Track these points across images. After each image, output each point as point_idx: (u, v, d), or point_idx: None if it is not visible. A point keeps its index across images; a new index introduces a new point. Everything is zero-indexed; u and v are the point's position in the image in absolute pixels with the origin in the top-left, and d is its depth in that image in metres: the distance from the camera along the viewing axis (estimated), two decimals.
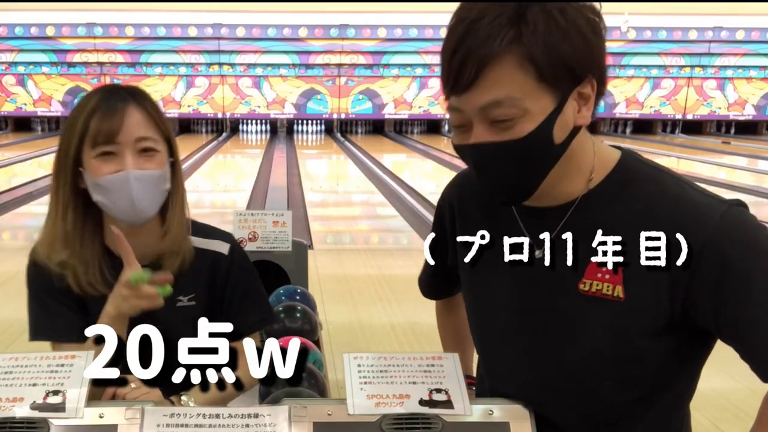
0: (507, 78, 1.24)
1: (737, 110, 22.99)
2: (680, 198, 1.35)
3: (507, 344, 1.55)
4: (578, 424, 1.49)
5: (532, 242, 1.44)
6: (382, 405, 1.35)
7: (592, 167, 1.41)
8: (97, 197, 1.75)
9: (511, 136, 1.28)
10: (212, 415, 1.30)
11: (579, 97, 1.32)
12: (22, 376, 1.32)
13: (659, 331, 1.37)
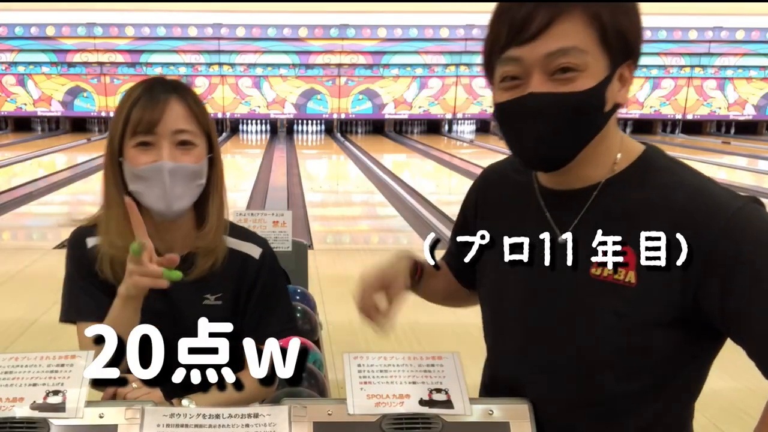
0: (575, 30, 1.28)
1: (737, 110, 22.99)
2: (698, 190, 1.36)
3: (515, 326, 1.56)
4: (577, 413, 1.49)
5: (554, 226, 1.47)
6: (382, 405, 1.35)
7: (618, 153, 1.44)
8: (133, 186, 1.77)
9: (572, 89, 1.31)
10: (212, 415, 1.30)
11: (621, 78, 1.37)
12: (22, 376, 1.32)
13: (668, 322, 1.37)
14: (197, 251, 1.87)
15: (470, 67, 21.94)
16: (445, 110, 22.45)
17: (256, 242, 1.98)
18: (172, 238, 1.87)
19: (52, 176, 13.23)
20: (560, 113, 1.33)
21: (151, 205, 1.77)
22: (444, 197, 11.65)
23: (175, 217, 1.81)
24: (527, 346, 1.53)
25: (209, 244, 1.88)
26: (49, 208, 10.48)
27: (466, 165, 15.23)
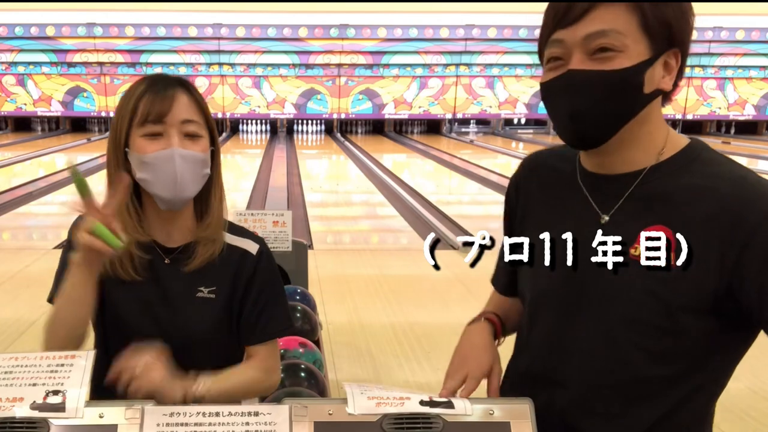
0: (615, 15, 1.35)
1: (737, 110, 23.01)
2: (743, 178, 1.40)
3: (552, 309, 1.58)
4: (607, 394, 1.51)
5: (597, 208, 1.51)
6: (382, 405, 1.35)
7: (665, 142, 1.48)
8: (140, 175, 1.77)
9: (609, 67, 1.37)
10: (212, 413, 1.30)
11: (665, 65, 1.42)
12: (22, 376, 1.32)
13: (703, 308, 1.39)
14: (198, 241, 1.89)
15: (470, 67, 21.97)
16: (445, 110, 22.46)
17: (254, 240, 1.99)
18: (172, 229, 1.88)
19: (52, 176, 13.22)
20: (596, 89, 1.39)
21: (159, 192, 1.78)
22: (444, 197, 11.66)
23: (180, 205, 1.83)
24: (561, 326, 1.55)
25: (210, 235, 1.89)
26: (49, 208, 10.49)
27: (466, 165, 15.24)
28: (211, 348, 1.91)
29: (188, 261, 1.87)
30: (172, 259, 1.88)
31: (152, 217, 1.87)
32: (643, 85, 1.40)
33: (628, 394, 1.50)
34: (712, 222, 1.36)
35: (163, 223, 1.87)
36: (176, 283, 1.88)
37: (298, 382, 2.38)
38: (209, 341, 1.90)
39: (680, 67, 1.45)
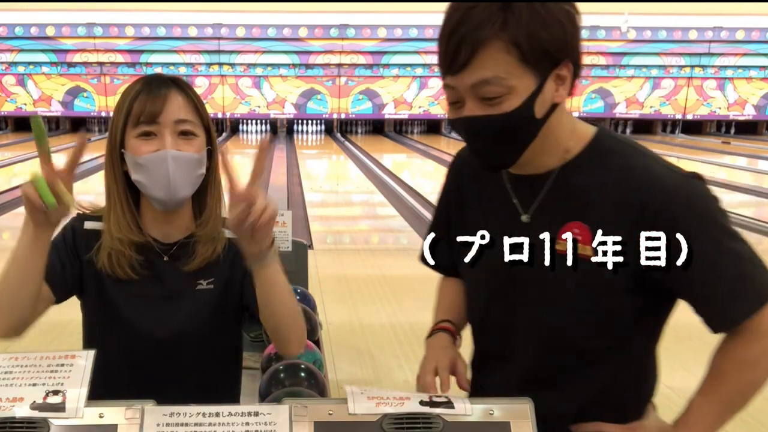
0: (495, 60, 1.42)
1: (737, 110, 23.00)
2: (642, 168, 1.54)
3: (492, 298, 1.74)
4: (552, 369, 1.67)
5: (518, 206, 1.64)
6: (382, 405, 1.35)
7: (570, 141, 1.60)
8: (135, 176, 1.79)
9: (498, 111, 1.46)
10: (212, 413, 1.30)
11: (557, 78, 1.50)
12: (22, 376, 1.31)
13: (626, 288, 1.54)
14: (198, 239, 1.90)
15: None
16: (445, 110, 22.43)
17: None
18: (170, 228, 1.90)
19: None
20: (491, 132, 1.50)
21: (154, 194, 1.79)
22: None
23: (175, 206, 1.84)
24: (506, 315, 1.70)
25: (209, 232, 1.90)
26: None
27: None
28: (208, 342, 1.92)
29: (188, 260, 1.88)
30: (171, 255, 1.89)
31: (149, 216, 1.88)
32: (534, 114, 1.49)
33: (571, 368, 1.66)
34: (622, 211, 1.51)
35: (161, 222, 1.88)
36: (177, 279, 1.89)
37: (298, 382, 2.38)
38: (209, 334, 1.92)
39: (577, 66, 1.54)
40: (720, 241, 1.49)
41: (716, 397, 1.58)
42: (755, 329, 1.50)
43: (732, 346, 1.55)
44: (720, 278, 1.49)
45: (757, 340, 1.51)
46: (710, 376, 1.59)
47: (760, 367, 1.55)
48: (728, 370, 1.56)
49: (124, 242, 1.84)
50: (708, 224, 1.50)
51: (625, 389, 1.69)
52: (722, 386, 1.57)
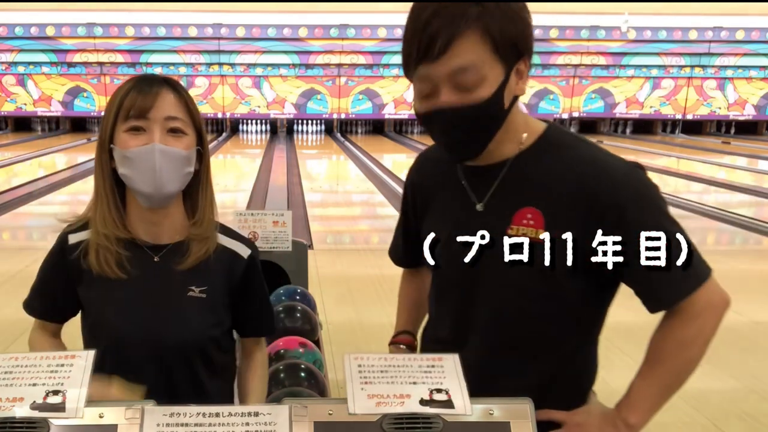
0: (471, 48, 1.51)
1: (737, 110, 23.01)
2: (591, 158, 1.65)
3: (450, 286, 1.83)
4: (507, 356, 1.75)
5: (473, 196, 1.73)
6: (382, 405, 1.35)
7: (524, 132, 1.69)
8: (122, 170, 1.78)
9: (473, 100, 1.55)
10: (212, 414, 1.30)
11: (517, 72, 1.60)
12: (22, 376, 1.31)
13: (573, 272, 1.62)
14: (192, 239, 1.89)
15: None
16: None
17: (245, 243, 2.01)
18: (160, 228, 1.88)
19: (52, 176, 13.23)
20: (465, 121, 1.58)
21: (140, 188, 1.78)
22: None
23: (162, 202, 1.82)
24: (463, 302, 1.79)
25: (203, 233, 1.90)
26: (49, 208, 10.47)
27: None
28: (199, 350, 1.92)
29: (181, 259, 1.87)
30: (162, 257, 1.88)
31: (138, 217, 1.87)
32: (503, 103, 1.59)
33: (525, 353, 1.74)
34: (571, 201, 1.60)
35: (149, 224, 1.87)
36: (166, 282, 1.88)
37: (298, 382, 2.38)
38: (198, 342, 1.91)
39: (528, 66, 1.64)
40: (662, 226, 1.58)
41: (655, 378, 1.66)
42: (691, 309, 1.60)
43: (669, 327, 1.64)
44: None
45: (692, 320, 1.61)
46: (648, 358, 1.68)
47: (695, 347, 1.63)
48: (666, 350, 1.65)
49: (110, 238, 1.83)
50: (652, 210, 1.60)
51: (570, 376, 1.78)
52: (661, 367, 1.65)
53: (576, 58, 22.10)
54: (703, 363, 1.64)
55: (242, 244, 1.99)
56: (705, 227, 9.89)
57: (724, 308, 1.64)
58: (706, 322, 1.62)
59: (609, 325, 1.80)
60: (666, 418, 1.72)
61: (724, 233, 9.61)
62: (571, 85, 22.54)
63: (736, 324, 5.46)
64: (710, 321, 1.62)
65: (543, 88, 22.44)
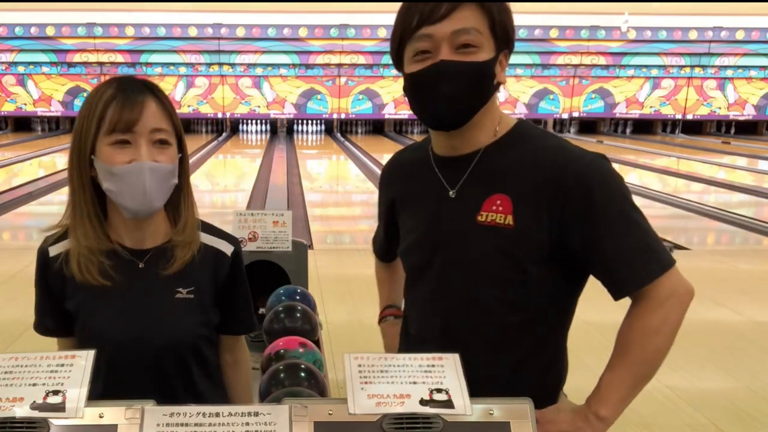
0: (473, 16, 1.63)
1: (737, 110, 23.00)
2: (559, 147, 1.72)
3: (422, 275, 1.88)
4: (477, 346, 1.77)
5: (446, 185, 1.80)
6: (382, 405, 1.35)
7: (498, 123, 1.78)
8: (108, 185, 1.75)
9: (473, 59, 1.64)
10: (212, 414, 1.30)
11: (500, 62, 1.70)
12: (22, 376, 1.31)
13: (543, 258, 1.69)
14: (175, 245, 1.87)
15: None
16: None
17: (228, 240, 1.99)
18: (142, 234, 1.86)
19: (53, 176, 13.20)
20: (464, 76, 1.65)
21: (127, 204, 1.75)
22: None
23: (147, 215, 1.81)
24: (434, 290, 1.84)
25: (186, 238, 1.88)
26: (49, 208, 10.46)
27: None
28: (191, 350, 1.91)
29: (166, 265, 1.86)
30: (147, 261, 1.86)
31: (120, 224, 1.85)
32: (495, 76, 1.69)
33: (493, 342, 1.78)
34: (539, 187, 1.66)
35: (132, 230, 1.85)
36: (152, 286, 1.86)
37: (298, 382, 2.38)
38: (190, 343, 1.90)
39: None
40: (627, 213, 1.64)
41: (624, 369, 1.67)
42: (656, 296, 1.63)
43: (635, 316, 1.67)
44: (626, 246, 1.63)
45: (658, 307, 1.63)
46: (616, 350, 1.69)
47: (662, 335, 1.65)
48: (633, 340, 1.66)
49: (93, 250, 1.81)
50: (617, 196, 1.65)
51: (538, 369, 1.82)
52: (629, 357, 1.67)
53: (576, 58, 22.10)
54: (704, 363, 1.65)
55: (225, 242, 1.97)
56: (705, 227, 9.89)
57: (689, 298, 1.66)
58: (671, 310, 1.64)
59: (604, 324, 1.81)
60: (666, 418, 1.73)
61: (724, 233, 9.60)
62: (571, 85, 22.54)
63: (736, 324, 5.46)
64: (675, 309, 1.64)
65: (543, 88, 22.44)
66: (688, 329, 1.72)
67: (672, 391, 4.18)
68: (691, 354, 4.65)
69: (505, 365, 1.79)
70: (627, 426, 1.71)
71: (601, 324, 1.88)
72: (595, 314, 1.80)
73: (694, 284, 1.70)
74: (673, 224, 9.68)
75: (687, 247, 8.21)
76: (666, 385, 4.20)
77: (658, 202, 11.04)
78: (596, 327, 4.14)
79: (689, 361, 4.58)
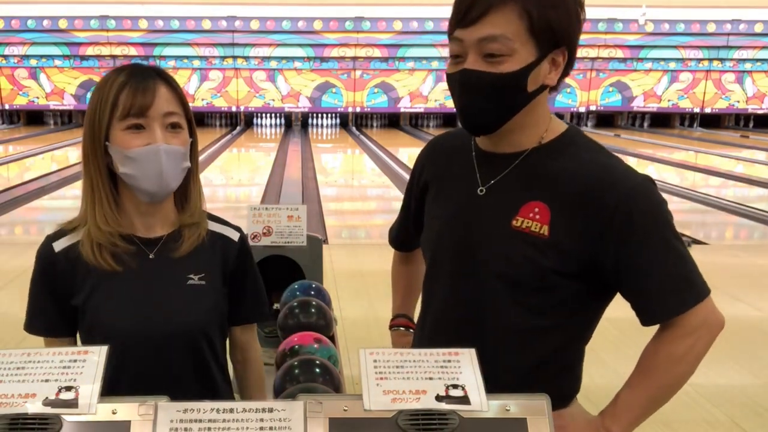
0: (504, 21, 1.55)
1: (756, 104, 22.86)
2: (607, 165, 1.66)
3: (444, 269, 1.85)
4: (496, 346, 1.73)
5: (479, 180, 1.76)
6: (398, 401, 1.33)
7: (547, 127, 1.72)
8: (124, 169, 1.77)
9: (496, 70, 1.58)
10: (226, 410, 1.29)
11: (552, 62, 1.62)
12: (35, 371, 1.30)
13: (571, 272, 1.65)
14: (184, 226, 1.90)
15: None
16: None
17: (233, 227, 2.03)
18: (154, 220, 1.89)
19: (65, 170, 13.25)
20: (484, 89, 1.61)
21: (146, 187, 1.78)
22: None
23: (164, 197, 1.84)
24: (453, 287, 1.82)
25: (195, 219, 1.92)
26: (61, 203, 10.52)
27: None
28: (204, 337, 1.91)
29: (176, 245, 1.88)
30: (157, 251, 1.88)
31: (132, 211, 1.87)
32: (526, 85, 1.61)
33: (509, 346, 1.75)
34: (580, 202, 1.62)
35: (144, 216, 1.87)
36: (164, 274, 1.87)
37: (313, 378, 2.37)
38: (203, 330, 1.91)
39: (570, 60, 1.66)
40: (668, 240, 1.61)
41: (644, 390, 1.68)
42: (686, 325, 1.62)
43: (662, 342, 1.66)
44: (665, 274, 1.61)
45: (686, 336, 1.63)
46: (639, 370, 1.69)
47: (686, 363, 1.66)
48: (656, 365, 1.66)
49: (114, 234, 1.82)
50: (659, 223, 1.62)
51: (553, 377, 1.78)
52: (650, 380, 1.67)
53: (593, 51, 22.01)
54: (722, 359, 1.66)
55: (231, 229, 2.02)
56: (723, 222, 9.84)
57: (718, 329, 1.66)
58: (699, 341, 1.64)
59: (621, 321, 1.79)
60: (685, 414, 1.72)
61: (742, 228, 9.55)
62: (588, 78, 22.45)
63: (754, 319, 5.43)
64: (703, 340, 1.65)
65: None
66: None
67: (690, 387, 4.14)
68: (710, 350, 4.59)
69: (519, 369, 1.76)
70: (645, 422, 1.70)
71: (618, 320, 1.86)
72: (612, 311, 1.78)
73: (712, 279, 1.69)
74: (691, 219, 9.64)
75: (705, 241, 8.17)
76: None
77: (676, 197, 10.99)
78: (613, 323, 4.10)
79: (708, 356, 4.52)
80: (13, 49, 21.28)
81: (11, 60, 21.44)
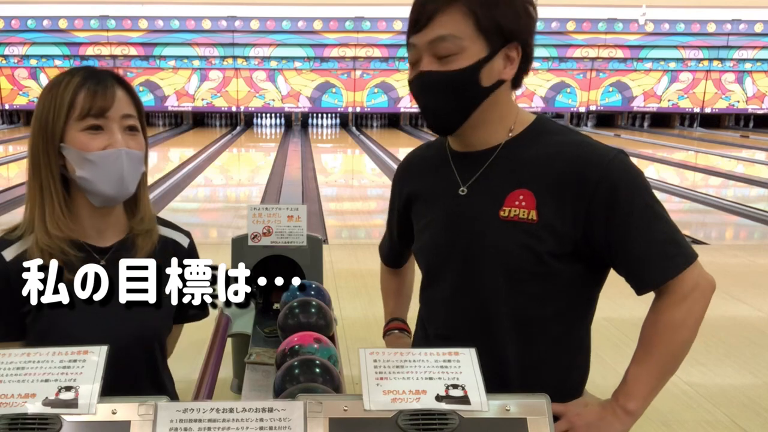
0: (452, 21, 1.62)
1: (756, 104, 22.86)
2: (582, 143, 1.71)
3: (441, 274, 1.87)
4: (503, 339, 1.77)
5: (459, 180, 1.80)
6: (398, 401, 1.33)
7: (514, 121, 1.77)
8: (81, 172, 1.73)
9: (449, 68, 1.65)
10: (226, 409, 1.29)
11: (506, 57, 1.68)
12: (34, 371, 1.30)
13: (566, 253, 1.69)
14: (137, 234, 1.88)
15: None
16: None
17: (182, 232, 2.03)
18: (105, 226, 1.85)
19: None
20: (440, 87, 1.68)
21: (104, 190, 1.74)
22: None
23: (119, 201, 1.81)
24: (455, 287, 1.83)
25: (146, 226, 1.89)
26: None
27: None
28: (158, 341, 1.92)
29: (129, 255, 1.82)
30: (108, 259, 1.83)
31: (84, 216, 1.82)
32: (480, 80, 1.66)
33: (517, 337, 1.77)
34: (563, 182, 1.66)
35: (95, 222, 1.83)
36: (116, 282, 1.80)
37: (313, 378, 2.36)
38: (157, 333, 1.92)
39: (525, 55, 1.70)
40: (652, 206, 1.66)
41: (651, 363, 1.69)
42: (680, 290, 1.65)
43: (659, 311, 1.69)
44: (653, 239, 1.65)
45: (682, 301, 1.66)
46: (642, 344, 1.72)
47: (686, 328, 1.67)
48: (659, 334, 1.69)
49: (63, 240, 1.76)
50: (641, 191, 1.66)
51: (563, 366, 1.83)
52: (655, 351, 1.69)
53: (593, 51, 22.02)
54: (722, 359, 1.65)
55: (180, 233, 2.02)
56: (723, 222, 9.83)
57: (711, 290, 1.69)
58: (695, 303, 1.66)
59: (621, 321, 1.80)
60: (685, 414, 1.72)
61: (742, 228, 9.55)
62: (588, 78, 22.46)
63: (754, 320, 5.43)
64: (699, 302, 1.67)
65: (560, 81, 22.37)
66: (706, 325, 1.72)
67: (690, 387, 4.16)
68: (709, 350, 4.62)
69: (529, 360, 1.79)
70: (645, 422, 1.70)
71: (619, 320, 1.87)
72: (612, 311, 1.79)
73: None
74: (691, 219, 9.64)
75: (705, 241, 8.16)
76: (684, 381, 4.17)
77: (676, 197, 10.99)
78: (614, 323, 4.11)
79: (708, 357, 4.55)
80: (13, 49, 21.28)
81: (11, 60, 21.44)
